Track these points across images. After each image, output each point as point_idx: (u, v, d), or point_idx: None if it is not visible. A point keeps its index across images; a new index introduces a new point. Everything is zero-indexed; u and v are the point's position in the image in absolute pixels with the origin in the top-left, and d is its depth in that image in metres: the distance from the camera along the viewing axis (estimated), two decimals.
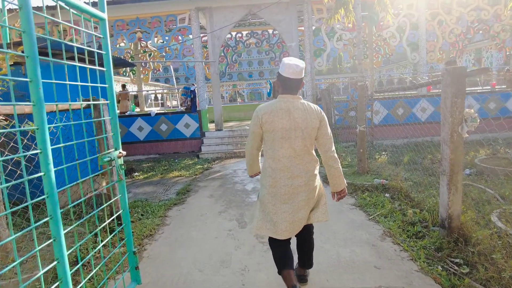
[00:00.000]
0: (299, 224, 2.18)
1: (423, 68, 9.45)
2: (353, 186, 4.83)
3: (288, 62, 2.11)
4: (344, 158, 6.62)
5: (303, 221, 2.20)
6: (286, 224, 2.14)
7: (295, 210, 2.14)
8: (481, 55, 22.16)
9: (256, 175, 2.51)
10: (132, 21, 9.46)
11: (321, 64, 9.27)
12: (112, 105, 2.23)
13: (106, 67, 2.19)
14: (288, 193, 2.13)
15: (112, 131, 2.26)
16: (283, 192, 2.13)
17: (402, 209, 3.89)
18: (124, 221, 2.34)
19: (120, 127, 9.75)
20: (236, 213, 4.17)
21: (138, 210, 4.47)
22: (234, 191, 5.21)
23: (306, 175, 2.14)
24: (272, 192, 2.16)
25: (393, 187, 4.57)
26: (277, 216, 2.15)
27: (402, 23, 9.30)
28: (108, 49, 2.20)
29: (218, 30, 9.41)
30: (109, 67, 2.20)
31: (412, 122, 9.36)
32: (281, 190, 2.13)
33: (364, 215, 3.91)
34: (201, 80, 9.56)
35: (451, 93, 2.75)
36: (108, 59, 2.20)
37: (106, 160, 2.07)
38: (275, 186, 2.14)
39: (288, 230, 2.15)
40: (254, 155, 2.34)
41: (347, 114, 8.52)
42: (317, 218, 2.24)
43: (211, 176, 6.46)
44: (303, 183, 2.13)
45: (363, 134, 5.21)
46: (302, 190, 2.14)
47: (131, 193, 5.57)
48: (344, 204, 4.33)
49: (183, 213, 4.37)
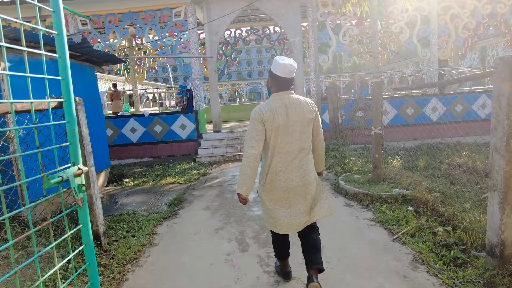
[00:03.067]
0: (298, 220, 2.19)
1: (435, 65, 8.87)
2: (369, 197, 4.24)
3: (282, 62, 2.11)
4: (353, 162, 6.03)
5: (303, 216, 2.20)
6: (285, 219, 2.18)
7: (292, 204, 2.19)
8: (487, 53, 21.64)
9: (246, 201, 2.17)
10: (124, 15, 8.86)
11: (326, 61, 8.69)
12: (68, 105, 1.64)
13: (59, 53, 1.60)
14: (284, 187, 2.16)
15: (69, 139, 1.67)
16: (281, 187, 2.16)
17: (431, 226, 3.31)
18: (87, 259, 1.75)
19: (112, 129, 9.17)
20: (236, 231, 3.58)
21: (123, 226, 3.88)
22: (234, 201, 4.62)
23: (303, 170, 2.18)
24: (270, 188, 2.19)
25: (415, 198, 3.98)
26: (275, 212, 2.20)
27: (413, 17, 8.72)
28: (62, 28, 1.61)
29: (216, 25, 8.81)
30: (63, 53, 1.60)
31: (422, 122, 8.79)
32: (279, 185, 2.16)
33: (386, 234, 3.32)
34: (198, 78, 8.96)
35: (509, 89, 2.16)
36: (62, 42, 1.61)
37: (54, 182, 1.48)
38: (273, 181, 2.17)
39: (287, 225, 2.19)
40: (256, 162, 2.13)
41: (355, 114, 7.94)
42: (321, 214, 2.28)
43: (208, 183, 5.86)
44: (300, 178, 2.16)
45: (379, 137, 4.63)
46: (299, 185, 2.16)
47: (118, 203, 4.98)
48: (361, 219, 3.75)
49: (175, 230, 3.78)
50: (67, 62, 1.62)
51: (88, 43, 5.18)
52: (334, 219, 3.76)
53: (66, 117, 1.64)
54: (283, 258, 2.49)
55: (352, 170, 5.64)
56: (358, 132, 7.69)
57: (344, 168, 5.95)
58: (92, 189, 3.27)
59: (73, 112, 1.65)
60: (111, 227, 3.85)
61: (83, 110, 3.25)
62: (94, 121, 5.98)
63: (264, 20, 12.36)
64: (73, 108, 1.64)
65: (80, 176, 1.67)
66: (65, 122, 1.65)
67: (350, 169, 5.74)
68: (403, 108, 9.04)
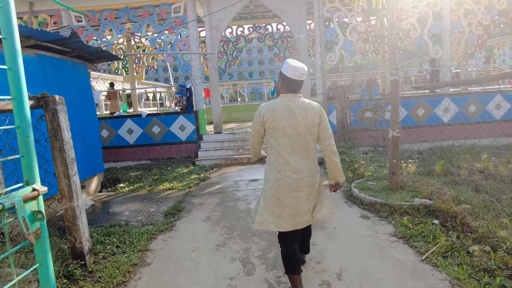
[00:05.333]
0: (301, 218, 2.26)
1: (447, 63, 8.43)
2: (388, 208, 3.81)
3: (294, 65, 2.20)
4: (365, 167, 5.60)
5: (305, 215, 2.27)
6: (289, 217, 2.23)
7: (298, 203, 2.23)
8: (493, 52, 21.19)
9: (260, 159, 2.61)
10: (121, 10, 8.44)
11: (333, 58, 8.25)
12: (19, 104, 1.22)
13: (3, 34, 1.18)
14: (291, 187, 2.21)
15: (20, 150, 1.24)
16: (287, 185, 2.21)
17: (464, 244, 2.87)
18: None
19: (108, 130, 8.74)
20: (240, 248, 3.15)
21: (113, 240, 3.45)
22: (237, 212, 4.19)
23: (308, 171, 2.23)
24: (276, 185, 2.23)
25: (440, 210, 3.55)
26: (280, 210, 2.24)
27: (424, 13, 8.28)
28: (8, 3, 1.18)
29: (217, 21, 8.39)
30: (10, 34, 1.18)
31: (434, 124, 8.34)
32: (285, 183, 2.21)
33: (412, 253, 2.89)
34: (198, 77, 8.53)
35: None
36: (8, 18, 1.18)
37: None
38: (279, 180, 2.22)
39: (291, 223, 2.24)
40: (256, 148, 2.48)
41: (363, 115, 7.51)
42: (323, 213, 2.39)
43: (208, 189, 5.43)
44: (305, 178, 2.22)
45: (397, 140, 4.20)
46: (304, 185, 2.23)
47: (110, 212, 4.56)
48: (381, 233, 3.32)
49: (171, 245, 3.35)
50: (17, 46, 1.19)
51: (79, 38, 4.76)
52: (351, 234, 3.34)
53: (16, 120, 1.21)
54: (295, 272, 2.27)
55: (364, 176, 5.21)
56: (367, 134, 7.26)
57: (356, 173, 5.51)
58: (75, 201, 2.85)
59: (25, 114, 1.22)
60: (99, 241, 3.43)
61: (65, 111, 2.83)
62: (86, 122, 5.56)
63: (267, 18, 11.93)
64: (25, 108, 1.22)
65: (36, 199, 1.24)
66: (15, 128, 1.21)
67: (362, 174, 5.31)
68: (413, 108, 8.61)
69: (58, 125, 2.75)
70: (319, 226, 3.53)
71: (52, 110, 2.72)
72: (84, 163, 5.32)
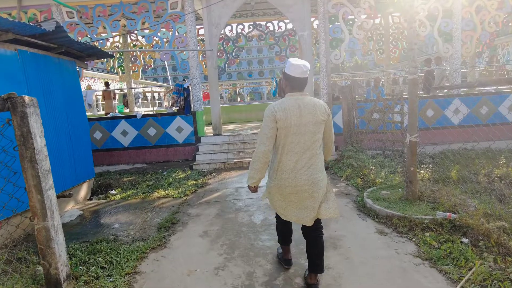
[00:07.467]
0: (306, 214, 2.29)
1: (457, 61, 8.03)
2: (407, 222, 3.40)
3: (296, 63, 2.23)
4: (375, 173, 5.19)
5: (311, 212, 2.29)
6: (295, 211, 2.33)
7: (302, 199, 2.28)
8: (496, 52, 20.83)
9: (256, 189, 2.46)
10: (115, 6, 8.00)
11: (339, 57, 7.84)
12: None
13: None
14: (295, 185, 2.23)
15: None
16: (290, 184, 2.24)
17: (505, 270, 2.46)
18: None
19: (102, 132, 8.30)
20: (242, 272, 2.74)
21: (98, 259, 3.03)
22: (238, 225, 3.77)
23: (313, 169, 2.24)
24: (279, 184, 2.28)
25: (468, 226, 3.14)
26: (285, 203, 2.34)
27: (434, 9, 7.88)
28: None
29: (217, 17, 7.96)
30: None
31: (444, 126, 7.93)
32: (288, 182, 2.24)
33: (443, 280, 2.48)
34: (196, 76, 8.11)
35: None
36: None
37: None
38: (282, 178, 2.26)
39: (297, 216, 2.33)
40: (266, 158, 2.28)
41: (371, 117, 7.10)
42: (329, 214, 2.34)
43: (206, 197, 5.01)
44: (309, 177, 2.23)
45: (415, 146, 3.79)
46: (309, 183, 2.23)
47: (99, 224, 4.14)
48: (403, 254, 2.91)
49: (163, 267, 2.94)
50: None
51: (65, 33, 4.33)
52: (369, 254, 2.93)
53: None
54: (286, 243, 2.70)
55: (375, 184, 4.80)
56: (374, 137, 6.86)
57: (365, 180, 5.11)
58: (49, 220, 2.42)
59: None
60: (83, 261, 3.01)
61: (37, 114, 2.40)
62: (75, 124, 5.13)
63: (268, 15, 11.52)
64: None
65: None
66: None
67: (373, 181, 4.90)
68: (422, 110, 8.20)
69: (28, 131, 2.33)
70: (331, 244, 3.13)
71: (20, 113, 2.30)
72: (72, 169, 4.90)
